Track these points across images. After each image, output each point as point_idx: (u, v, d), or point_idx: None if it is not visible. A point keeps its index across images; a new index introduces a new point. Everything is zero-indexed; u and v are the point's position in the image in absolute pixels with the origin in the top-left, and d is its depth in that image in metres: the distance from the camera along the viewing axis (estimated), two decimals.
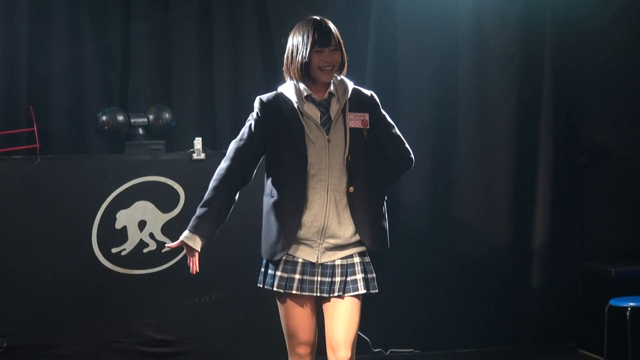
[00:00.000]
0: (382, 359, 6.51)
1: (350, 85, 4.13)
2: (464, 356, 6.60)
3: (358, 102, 4.10)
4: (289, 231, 4.00)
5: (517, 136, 6.69)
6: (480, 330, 6.67)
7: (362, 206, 4.05)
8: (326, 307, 4.09)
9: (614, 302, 5.92)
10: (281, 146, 4.03)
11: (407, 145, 4.22)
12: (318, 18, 4.07)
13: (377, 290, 4.12)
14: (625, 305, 5.83)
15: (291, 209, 4.00)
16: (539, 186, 6.68)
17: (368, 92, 4.17)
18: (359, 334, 6.20)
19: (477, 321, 6.67)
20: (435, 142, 6.67)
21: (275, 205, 4.03)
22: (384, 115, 4.17)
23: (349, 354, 4.06)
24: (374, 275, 4.12)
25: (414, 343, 6.63)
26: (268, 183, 4.10)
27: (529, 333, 6.74)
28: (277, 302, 4.13)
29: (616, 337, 6.01)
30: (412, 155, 4.25)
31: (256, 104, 4.11)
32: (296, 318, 4.08)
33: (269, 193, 4.08)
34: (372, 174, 4.09)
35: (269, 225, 4.06)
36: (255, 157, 4.12)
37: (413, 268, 6.62)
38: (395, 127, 4.19)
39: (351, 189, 4.03)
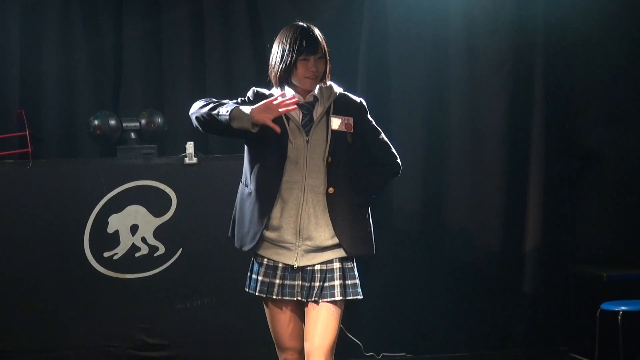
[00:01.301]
0: None
1: (338, 89, 4.12)
2: None
3: (344, 106, 4.10)
4: (258, 225, 4.00)
5: (509, 141, 6.70)
6: (472, 334, 6.68)
7: (341, 208, 4.02)
8: (306, 312, 4.06)
9: (605, 306, 5.92)
10: (263, 142, 3.99)
11: (393, 151, 4.21)
12: (305, 25, 4.05)
13: (359, 297, 4.08)
14: (616, 309, 5.84)
15: (263, 204, 3.99)
16: (531, 190, 6.69)
17: (357, 99, 4.18)
18: (350, 338, 6.24)
19: (469, 325, 6.67)
20: (427, 147, 6.68)
21: (249, 197, 4.03)
22: (371, 121, 4.17)
23: None
24: (357, 281, 4.08)
25: (406, 347, 6.63)
26: (246, 172, 4.09)
27: (521, 337, 6.74)
28: (264, 306, 4.13)
29: (608, 341, 6.01)
30: (399, 161, 4.24)
31: (249, 92, 4.11)
32: (280, 324, 4.07)
33: (245, 182, 4.08)
34: (353, 177, 4.06)
35: (242, 214, 4.07)
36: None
37: (405, 272, 6.63)
38: (382, 133, 4.20)
39: (330, 189, 4.01)
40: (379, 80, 6.62)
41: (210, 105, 3.97)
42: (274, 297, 4.02)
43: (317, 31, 4.05)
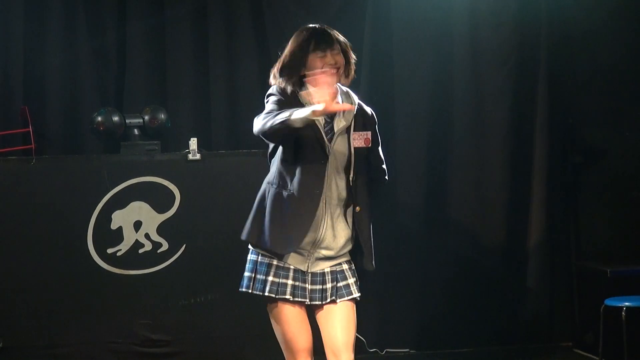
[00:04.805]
0: (377, 359, 6.52)
1: (356, 99, 4.03)
2: (459, 356, 6.60)
3: (362, 119, 4.01)
4: (303, 228, 3.90)
5: (512, 136, 6.70)
6: (476, 330, 6.68)
7: (366, 226, 4.01)
8: (320, 314, 4.04)
9: (609, 301, 5.91)
10: (300, 141, 3.90)
11: (384, 166, 4.14)
12: (318, 25, 4.00)
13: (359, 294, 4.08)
14: (620, 305, 5.83)
15: (307, 206, 3.89)
16: (534, 186, 6.68)
17: (369, 110, 4.09)
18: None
19: (472, 321, 6.67)
20: (431, 142, 6.68)
21: (289, 199, 3.90)
22: (377, 135, 4.09)
23: (352, 357, 3.99)
24: (357, 279, 4.08)
25: (410, 343, 6.63)
26: (279, 173, 3.95)
27: (525, 333, 6.74)
28: (268, 309, 4.05)
29: (612, 337, 6.01)
30: (387, 177, 4.17)
31: (274, 89, 3.97)
32: (292, 324, 4.00)
33: (279, 183, 3.93)
34: (370, 192, 4.05)
35: (275, 215, 3.92)
36: None
37: (408, 268, 6.62)
38: (380, 147, 4.11)
39: (358, 208, 3.98)
40: (382, 76, 6.62)
41: (273, 115, 3.80)
42: (287, 297, 3.95)
43: (332, 30, 4.00)
